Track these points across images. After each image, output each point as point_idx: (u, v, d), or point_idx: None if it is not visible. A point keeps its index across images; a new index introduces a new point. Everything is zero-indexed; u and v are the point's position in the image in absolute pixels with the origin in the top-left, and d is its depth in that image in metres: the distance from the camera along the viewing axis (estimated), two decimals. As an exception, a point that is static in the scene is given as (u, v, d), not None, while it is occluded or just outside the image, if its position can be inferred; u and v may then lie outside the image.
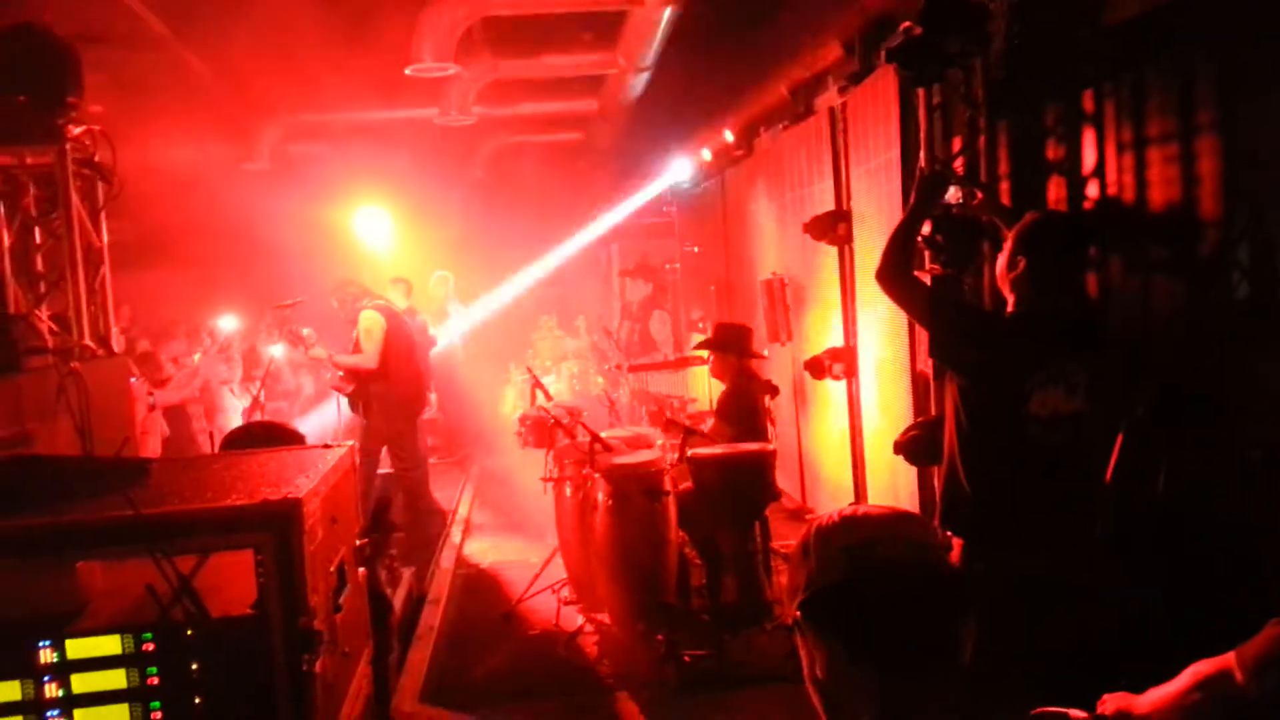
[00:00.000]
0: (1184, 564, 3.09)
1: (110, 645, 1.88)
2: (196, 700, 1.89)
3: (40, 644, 1.85)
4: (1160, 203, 3.50)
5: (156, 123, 8.58)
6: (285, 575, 1.91)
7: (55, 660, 1.86)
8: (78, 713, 1.86)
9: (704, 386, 9.80)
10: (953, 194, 3.97)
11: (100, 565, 2.15)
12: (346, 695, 2.31)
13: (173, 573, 1.84)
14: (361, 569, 2.61)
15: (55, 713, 1.86)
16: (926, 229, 3.94)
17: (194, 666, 1.90)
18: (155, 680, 1.89)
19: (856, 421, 6.22)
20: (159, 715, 1.88)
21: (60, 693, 1.86)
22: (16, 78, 4.07)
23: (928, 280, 4.15)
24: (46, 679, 1.85)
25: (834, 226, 6.03)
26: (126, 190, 4.79)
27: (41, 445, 3.39)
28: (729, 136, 9.07)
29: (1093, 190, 3.87)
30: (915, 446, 3.99)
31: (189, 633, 1.90)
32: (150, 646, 1.89)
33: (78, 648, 1.87)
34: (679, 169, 10.45)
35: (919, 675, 1.29)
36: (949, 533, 3.20)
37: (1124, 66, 3.62)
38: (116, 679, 1.88)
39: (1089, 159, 3.87)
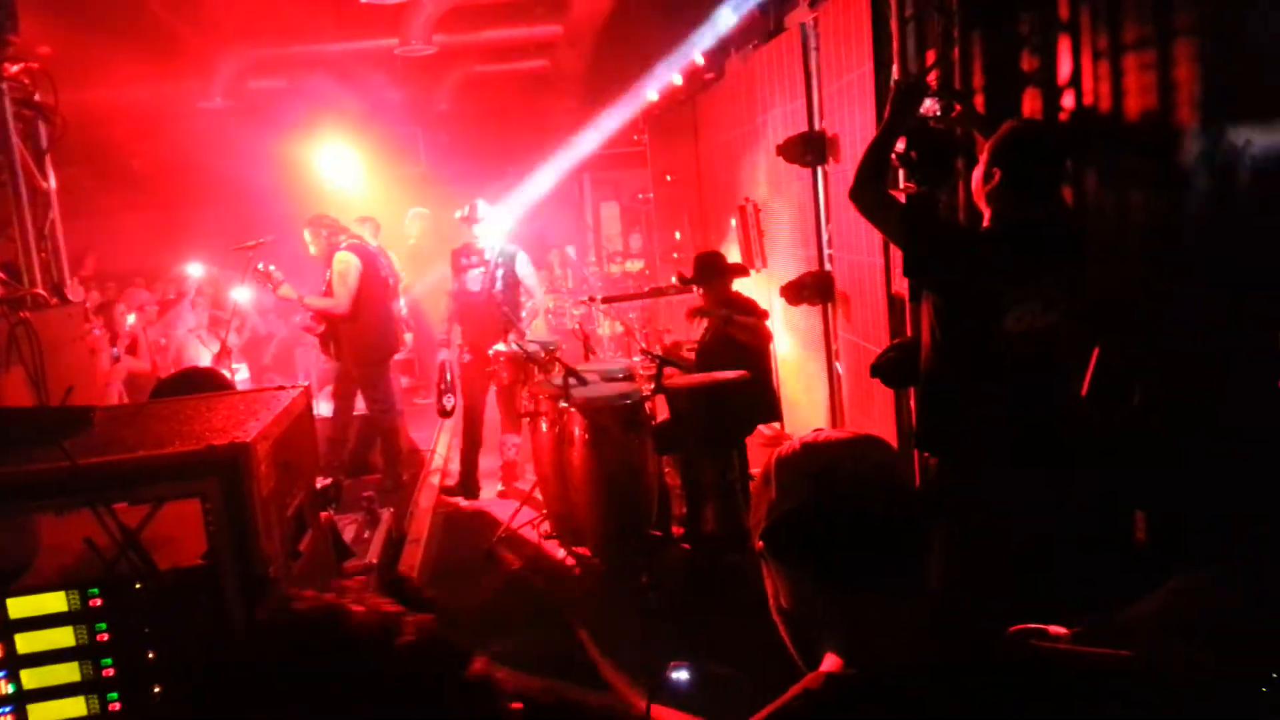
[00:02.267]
0: (1160, 478, 3.06)
1: (55, 603, 1.80)
2: (150, 655, 1.83)
3: (-21, 604, 1.77)
4: (1137, 111, 3.40)
5: (109, 62, 8.30)
6: (235, 523, 1.83)
7: (-4, 620, 1.78)
8: (24, 673, 1.78)
9: (679, 317, 9.73)
10: (928, 106, 3.85)
11: (44, 520, 2.06)
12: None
13: (114, 525, 1.75)
14: (324, 513, 2.53)
15: (1, 674, 1.79)
16: (900, 146, 3.83)
17: (145, 621, 1.82)
18: (105, 636, 1.81)
19: (832, 346, 6.17)
20: (111, 672, 1.81)
21: (3, 653, 1.78)
22: (-58, 13, 3.86)
23: (903, 199, 4.05)
24: (-12, 640, 1.78)
25: (807, 148, 5.91)
26: (83, 134, 4.60)
27: (-9, 397, 3.27)
28: (699, 59, 8.84)
29: (1068, 101, 3.76)
30: (892, 368, 3.93)
31: (138, 586, 1.82)
32: (98, 602, 1.81)
33: (20, 606, 1.78)
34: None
35: (884, 597, 1.25)
36: (926, 453, 3.16)
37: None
38: (64, 637, 1.80)
39: (1065, 69, 3.75)
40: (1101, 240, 3.44)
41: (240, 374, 8.26)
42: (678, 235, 10.38)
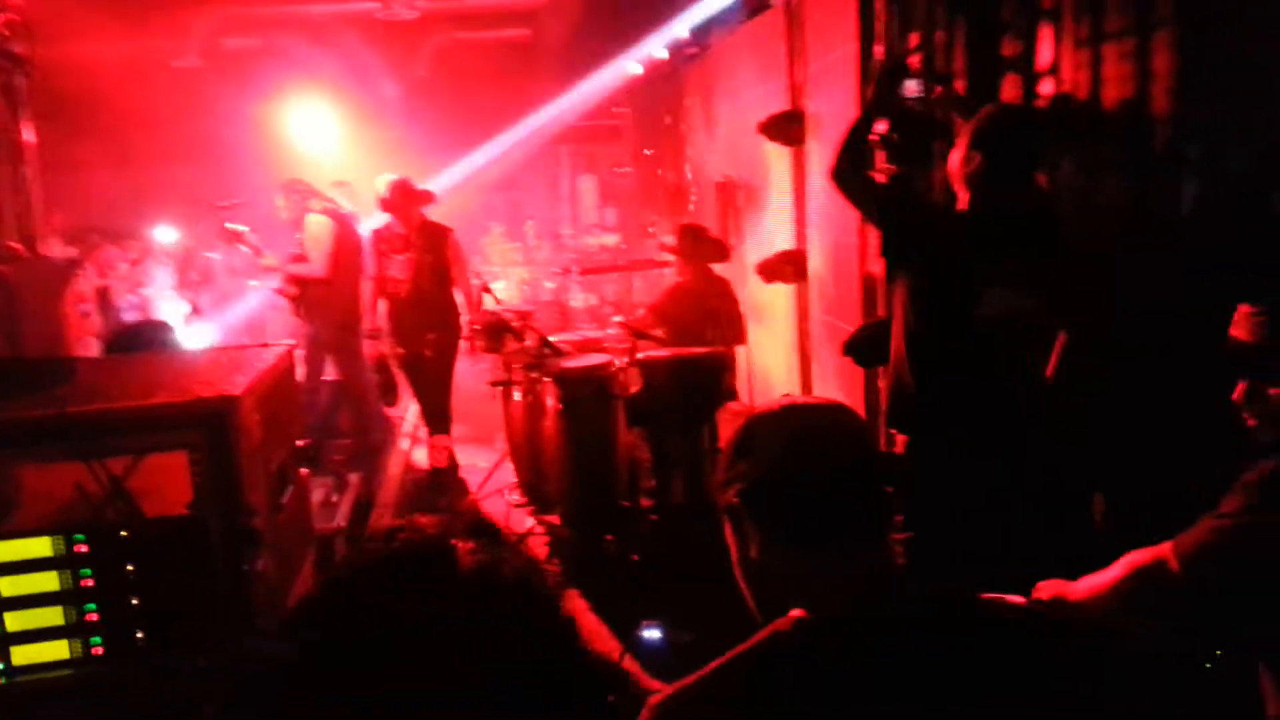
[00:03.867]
0: (1122, 460, 3.14)
1: (40, 548, 1.81)
2: (133, 601, 1.85)
3: (-35, 547, 1.79)
4: (1114, 100, 3.46)
5: (80, 15, 8.15)
6: (221, 474, 1.86)
7: (-19, 563, 1.80)
8: (8, 615, 1.80)
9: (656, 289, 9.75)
10: (909, 88, 3.89)
11: (29, 468, 2.08)
12: (290, 596, 2.28)
13: (102, 472, 1.77)
14: (304, 469, 2.56)
15: (-15, 615, 1.81)
16: (882, 127, 3.88)
17: (129, 568, 1.85)
18: (89, 582, 1.84)
19: (804, 324, 6.23)
20: (94, 617, 1.84)
21: (-12, 596, 1.80)
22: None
23: (881, 179, 4.10)
24: (-27, 582, 1.80)
25: (788, 126, 5.94)
26: (53, 89, 4.56)
27: (-35, 348, 3.26)
28: (683, 33, 8.83)
29: (1047, 88, 3.81)
30: (863, 347, 3.99)
31: (123, 534, 1.84)
32: (83, 548, 1.83)
33: (4, 550, 1.80)
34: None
35: (851, 556, 1.31)
36: (894, 430, 3.22)
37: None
38: (48, 581, 1.82)
39: (1045, 55, 3.80)
40: (1074, 225, 3.51)
41: (211, 335, 8.21)
42: (650, 229, 10.36)
